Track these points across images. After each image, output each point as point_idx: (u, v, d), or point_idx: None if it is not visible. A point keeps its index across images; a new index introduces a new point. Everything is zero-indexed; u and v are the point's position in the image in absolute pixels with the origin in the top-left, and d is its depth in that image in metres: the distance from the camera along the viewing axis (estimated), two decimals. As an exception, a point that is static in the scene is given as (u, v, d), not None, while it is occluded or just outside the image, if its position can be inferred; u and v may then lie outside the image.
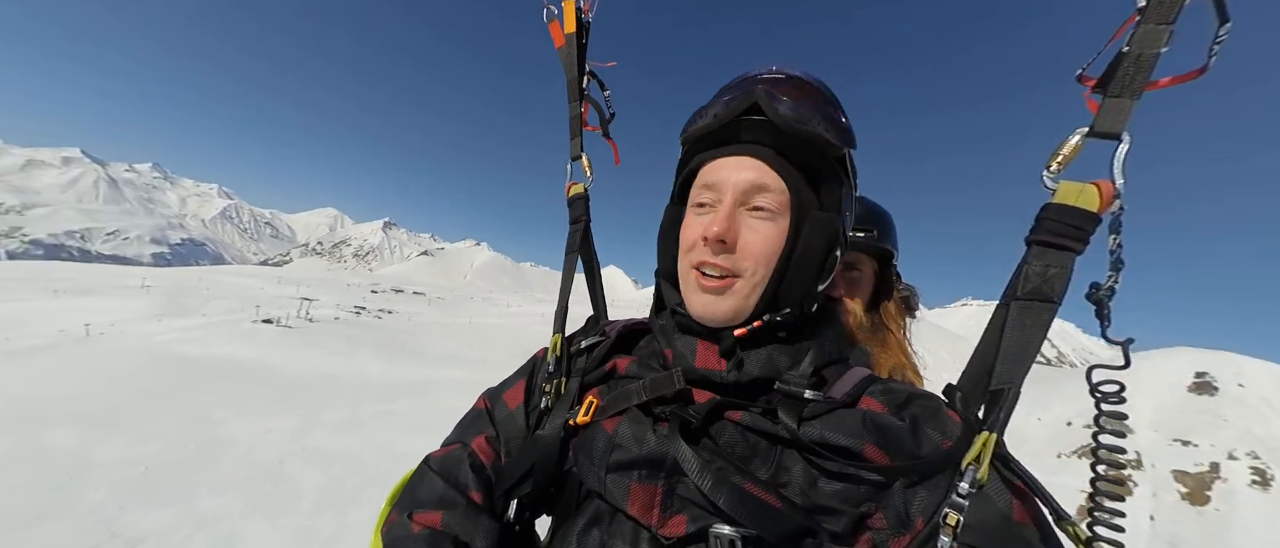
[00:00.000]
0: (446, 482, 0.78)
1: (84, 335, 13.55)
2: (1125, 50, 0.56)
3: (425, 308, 32.12)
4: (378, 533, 0.76)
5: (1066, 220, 0.56)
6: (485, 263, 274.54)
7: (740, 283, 0.68)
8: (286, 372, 10.40)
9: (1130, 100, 0.55)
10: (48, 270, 32.60)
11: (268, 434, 7.83)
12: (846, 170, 0.70)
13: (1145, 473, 10.24)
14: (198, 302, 20.81)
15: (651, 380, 0.72)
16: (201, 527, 5.54)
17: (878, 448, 0.60)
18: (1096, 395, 0.57)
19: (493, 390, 0.93)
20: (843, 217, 0.69)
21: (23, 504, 5.32)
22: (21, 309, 17.83)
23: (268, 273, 55.20)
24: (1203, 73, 0.55)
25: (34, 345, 12.42)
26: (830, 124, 0.66)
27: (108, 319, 16.02)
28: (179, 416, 7.81)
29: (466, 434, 0.88)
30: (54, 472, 5.94)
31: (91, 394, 8.03)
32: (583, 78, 1.01)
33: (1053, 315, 0.57)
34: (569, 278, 0.99)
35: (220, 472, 6.62)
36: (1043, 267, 0.57)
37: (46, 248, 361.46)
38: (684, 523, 0.63)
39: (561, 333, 0.89)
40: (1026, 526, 0.54)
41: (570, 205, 1.01)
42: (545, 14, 1.04)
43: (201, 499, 5.98)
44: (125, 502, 5.65)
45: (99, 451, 6.52)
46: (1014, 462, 0.58)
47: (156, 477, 6.21)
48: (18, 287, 24.19)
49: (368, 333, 15.91)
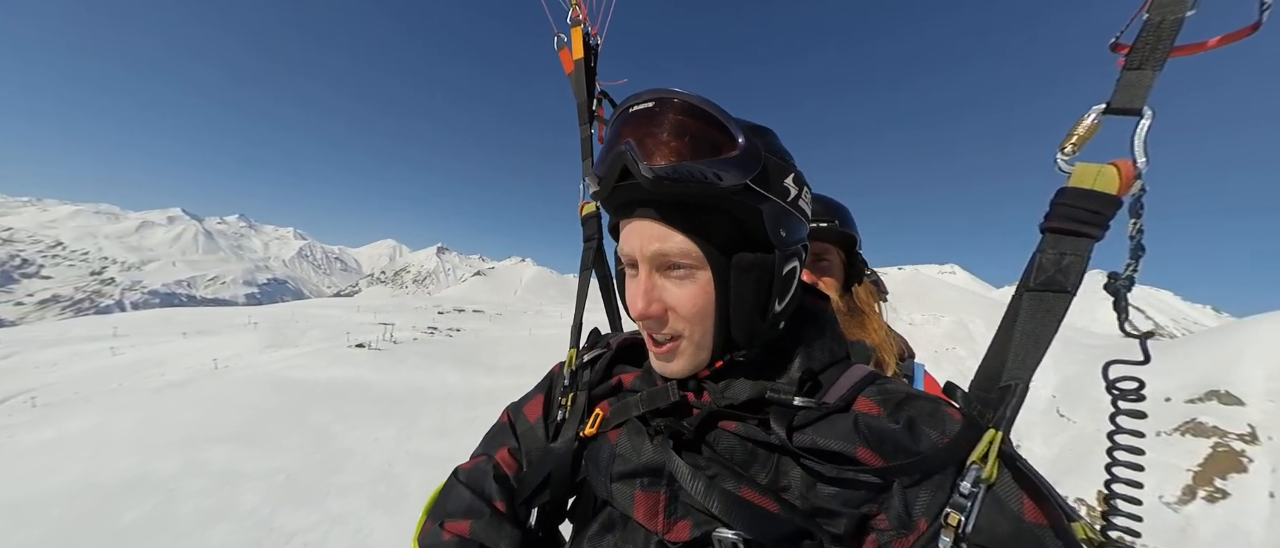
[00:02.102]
0: (473, 492, 0.83)
1: (213, 368, 15.67)
2: (1146, 16, 0.51)
3: (487, 324, 33.92)
4: (415, 541, 0.81)
5: (1083, 204, 0.52)
6: (532, 278, 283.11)
7: (683, 343, 0.67)
8: (382, 388, 11.60)
9: (1152, 72, 0.50)
10: (174, 316, 37.50)
11: (375, 443, 8.85)
12: (763, 189, 0.61)
13: (1261, 447, 9.23)
14: (297, 333, 23.34)
15: (648, 394, 0.74)
16: (336, 524, 6.46)
17: (870, 451, 0.60)
18: (1114, 393, 0.54)
19: (515, 405, 0.97)
20: (778, 239, 0.63)
21: (197, 510, 6.42)
22: (161, 350, 20.81)
23: (344, 303, 60.21)
24: (1256, 29, 0.50)
25: (177, 379, 14.53)
26: (711, 165, 0.57)
27: (229, 353, 18.37)
28: (303, 431, 8.95)
29: (491, 447, 0.93)
30: (215, 482, 7.07)
31: (231, 417, 9.31)
32: (592, 100, 1.04)
33: (1067, 307, 0.53)
34: (583, 294, 1.02)
35: (343, 477, 7.61)
36: (1057, 255, 0.53)
37: (162, 296, 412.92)
38: (688, 528, 0.65)
39: (576, 348, 0.93)
40: (1040, 526, 0.51)
41: (583, 224, 1.04)
42: (555, 42, 1.07)
43: (333, 501, 6.94)
44: (274, 505, 6.66)
45: (246, 464, 7.63)
46: (1021, 460, 0.55)
47: (294, 483, 7.24)
48: (153, 331, 28.14)
49: (443, 350, 17.27)
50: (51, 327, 33.56)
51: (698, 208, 0.61)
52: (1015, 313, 0.55)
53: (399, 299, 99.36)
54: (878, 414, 0.62)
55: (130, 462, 7.35)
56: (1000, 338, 0.56)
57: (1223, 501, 8.47)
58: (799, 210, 0.66)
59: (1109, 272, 0.52)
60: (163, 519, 6.06)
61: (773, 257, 0.63)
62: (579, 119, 1.04)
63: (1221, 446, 9.36)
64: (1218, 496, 8.52)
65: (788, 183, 0.64)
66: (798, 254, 0.68)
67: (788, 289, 0.67)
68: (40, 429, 9.67)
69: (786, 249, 0.65)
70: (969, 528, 0.52)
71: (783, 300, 0.67)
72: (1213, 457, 9.16)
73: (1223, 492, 8.52)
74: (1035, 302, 0.54)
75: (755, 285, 0.63)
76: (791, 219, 0.65)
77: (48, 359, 20.71)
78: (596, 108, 1.05)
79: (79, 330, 29.27)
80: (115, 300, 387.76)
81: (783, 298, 0.66)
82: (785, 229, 0.64)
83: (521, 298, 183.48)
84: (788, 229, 0.65)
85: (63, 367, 19.27)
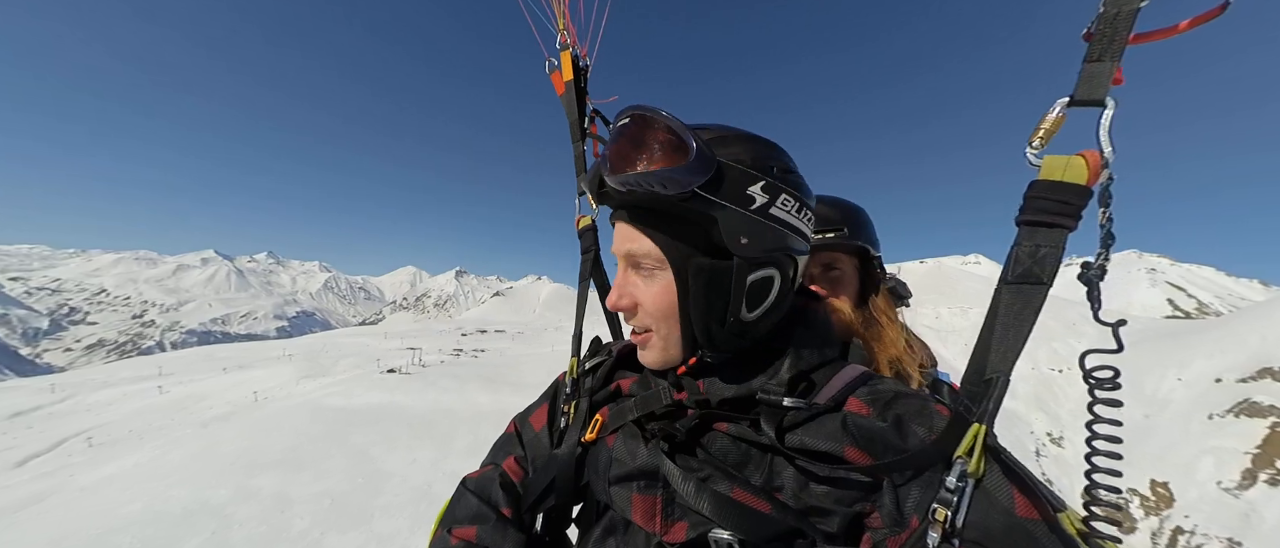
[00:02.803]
0: (480, 500, 0.85)
1: (253, 400, 16.31)
2: (1102, 10, 0.52)
3: (510, 343, 34.35)
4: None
5: (1054, 196, 0.53)
6: (550, 295, 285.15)
7: (653, 337, 0.72)
8: (415, 411, 11.94)
9: (1111, 63, 0.52)
10: (213, 353, 39.02)
11: (413, 464, 9.11)
12: (714, 196, 0.62)
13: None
14: (329, 362, 24.10)
15: (642, 398, 0.76)
16: (383, 544, 6.68)
17: (858, 450, 0.61)
18: (1090, 382, 0.54)
19: (521, 415, 1.00)
20: (737, 247, 0.64)
21: (251, 535, 6.71)
22: (203, 386, 21.68)
23: (371, 331, 61.70)
24: (1224, 9, 0.51)
25: (221, 412, 15.16)
26: (660, 173, 0.60)
27: (268, 385, 19.06)
28: (344, 456, 9.27)
29: (498, 456, 0.95)
30: (266, 508, 7.36)
31: (277, 445, 9.68)
32: (583, 119, 1.07)
33: (1043, 298, 0.54)
34: (582, 304, 1.04)
35: (385, 499, 7.85)
36: (1033, 247, 0.54)
37: (198, 335, 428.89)
38: (685, 530, 0.66)
39: (577, 357, 0.96)
40: (1032, 520, 0.51)
41: (580, 237, 1.08)
42: (546, 66, 1.11)
43: (377, 522, 7.17)
44: (324, 528, 6.91)
45: (294, 488, 7.93)
46: (1007, 453, 0.56)
47: (341, 506, 7.50)
48: (196, 369, 29.32)
49: (470, 370, 17.66)
50: (101, 370, 35.26)
51: (662, 213, 0.66)
52: (996, 307, 0.56)
53: (423, 324, 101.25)
54: (867, 414, 0.63)
55: (186, 491, 7.72)
56: (984, 333, 0.57)
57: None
58: (773, 220, 0.65)
59: (1082, 261, 0.53)
60: (219, 546, 6.36)
61: (730, 264, 0.64)
62: (572, 136, 1.08)
63: (1279, 425, 8.98)
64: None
65: (753, 190, 0.63)
66: (775, 263, 0.67)
67: (760, 298, 0.67)
68: (100, 467, 10.21)
69: (751, 257, 0.64)
70: (958, 523, 0.52)
71: (754, 309, 0.67)
72: (1271, 437, 8.68)
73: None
74: (1013, 295, 0.55)
75: (707, 291, 0.65)
76: (760, 228, 0.64)
77: (100, 401, 21.81)
78: (588, 125, 1.08)
79: (126, 372, 30.71)
80: (156, 342, 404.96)
81: (754, 306, 0.67)
82: (749, 237, 0.64)
83: (541, 316, 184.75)
84: (753, 237, 0.64)
85: (114, 407, 20.26)
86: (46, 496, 8.72)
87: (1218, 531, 7.54)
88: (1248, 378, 10.01)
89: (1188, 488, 8.57)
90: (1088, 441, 0.54)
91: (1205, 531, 7.83)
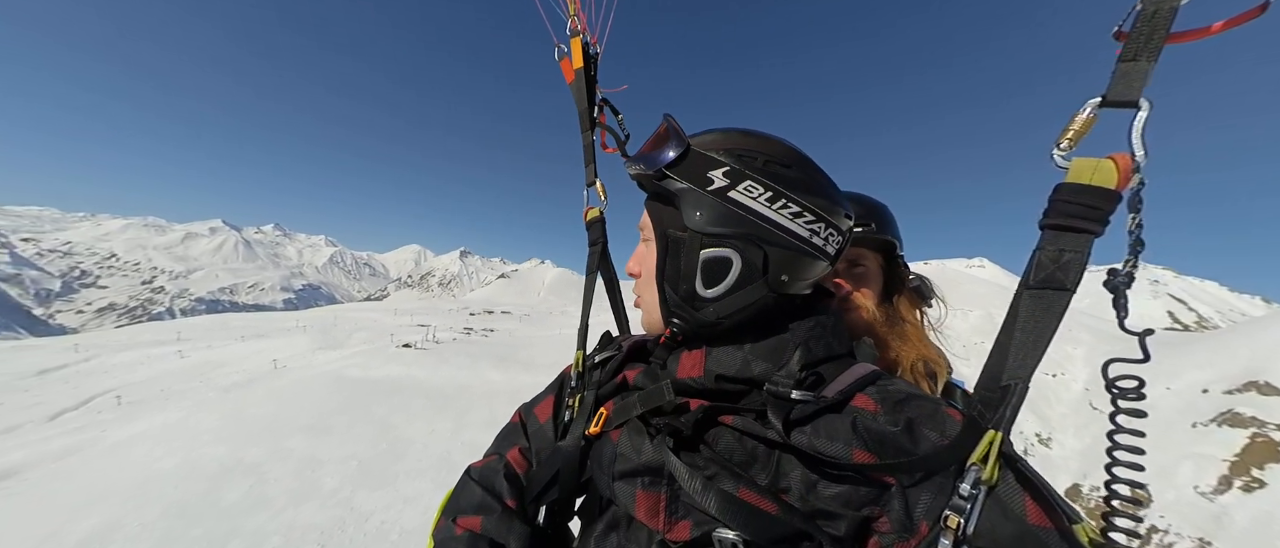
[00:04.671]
0: (485, 490, 0.86)
1: (273, 369, 16.89)
2: (1140, 7, 0.50)
3: (517, 325, 34.84)
4: (431, 536, 0.85)
5: (1082, 200, 0.51)
6: (554, 279, 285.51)
7: (643, 299, 0.79)
8: (432, 384, 12.41)
9: (1147, 62, 0.49)
10: (229, 321, 39.85)
11: (433, 434, 9.59)
12: (676, 175, 0.70)
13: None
14: (343, 335, 24.63)
15: (646, 393, 0.76)
16: (408, 504, 7.17)
17: (866, 452, 0.60)
18: (1114, 392, 0.52)
19: (526, 406, 1.01)
20: (693, 221, 0.69)
21: (286, 490, 7.21)
22: (220, 353, 22.33)
23: (379, 306, 62.33)
24: (1264, 10, 0.49)
25: (241, 380, 15.72)
26: (642, 156, 0.73)
27: (285, 355, 19.61)
28: (367, 423, 9.75)
29: (503, 447, 0.97)
30: (298, 467, 7.82)
31: (303, 411, 10.16)
32: (593, 108, 1.05)
33: (1066, 305, 0.52)
34: (589, 297, 1.05)
35: (408, 463, 8.33)
36: (1057, 252, 0.52)
37: (207, 303, 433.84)
38: (688, 528, 0.66)
39: (582, 350, 0.95)
40: (1045, 530, 0.51)
41: (588, 229, 1.06)
42: (556, 53, 1.08)
43: (402, 484, 7.67)
44: (354, 487, 7.39)
45: (323, 451, 8.40)
46: (1022, 461, 0.55)
47: (367, 469, 7.98)
48: (213, 336, 30.10)
49: (482, 349, 18.11)
50: (123, 332, 36.21)
51: (653, 192, 0.76)
52: (1016, 312, 0.54)
53: (428, 302, 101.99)
54: (875, 411, 0.63)
55: (223, 449, 8.24)
56: (1002, 338, 0.55)
57: (1260, 490, 8.37)
58: (733, 203, 0.67)
59: (1109, 267, 0.50)
60: (258, 499, 6.88)
61: (683, 236, 0.70)
62: (581, 126, 1.06)
63: (1260, 436, 9.18)
64: (1255, 485, 8.40)
65: (713, 174, 0.67)
66: (733, 246, 0.68)
67: (717, 278, 0.68)
68: (131, 423, 10.79)
69: (703, 232, 0.68)
70: (969, 531, 0.51)
71: (711, 286, 0.69)
72: (1250, 447, 9.01)
73: (1260, 482, 8.40)
74: (1035, 300, 0.53)
75: (666, 257, 0.73)
76: (717, 208, 0.67)
77: (123, 362, 22.54)
78: (597, 115, 1.06)
79: (147, 336, 31.55)
80: (165, 308, 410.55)
81: (710, 284, 0.69)
82: (703, 214, 0.68)
83: (545, 299, 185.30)
84: (707, 216, 0.68)
85: (138, 369, 20.97)
86: (82, 448, 9.27)
87: (1190, 531, 7.99)
88: (1234, 390, 10.31)
89: (1165, 491, 8.98)
90: (1108, 451, 0.53)
91: (1178, 531, 8.31)
